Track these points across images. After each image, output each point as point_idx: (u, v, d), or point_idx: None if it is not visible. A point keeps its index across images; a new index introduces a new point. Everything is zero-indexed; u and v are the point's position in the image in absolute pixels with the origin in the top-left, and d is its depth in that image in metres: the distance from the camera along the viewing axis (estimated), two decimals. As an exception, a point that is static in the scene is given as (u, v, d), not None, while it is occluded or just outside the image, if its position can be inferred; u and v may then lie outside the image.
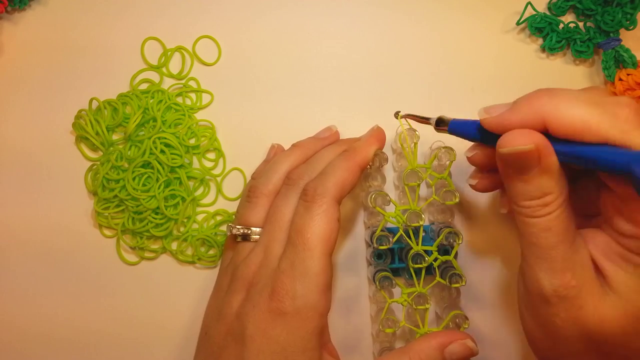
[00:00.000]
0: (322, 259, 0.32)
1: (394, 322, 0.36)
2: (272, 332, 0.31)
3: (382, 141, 0.37)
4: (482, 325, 0.39)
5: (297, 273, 0.32)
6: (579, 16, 0.42)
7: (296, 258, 0.32)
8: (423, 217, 0.36)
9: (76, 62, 0.42)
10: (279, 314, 0.31)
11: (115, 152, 0.40)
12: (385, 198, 0.36)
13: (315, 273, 0.32)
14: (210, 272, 0.40)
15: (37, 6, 0.42)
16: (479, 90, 0.42)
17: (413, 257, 0.36)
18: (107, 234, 0.40)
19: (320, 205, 0.33)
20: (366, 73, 0.42)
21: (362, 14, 0.42)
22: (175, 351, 0.40)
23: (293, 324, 0.31)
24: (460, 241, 0.36)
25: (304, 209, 0.33)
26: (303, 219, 0.33)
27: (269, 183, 0.37)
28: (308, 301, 0.31)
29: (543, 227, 0.29)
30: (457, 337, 0.33)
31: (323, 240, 0.32)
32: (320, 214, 0.32)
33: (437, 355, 0.33)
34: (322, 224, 0.32)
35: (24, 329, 0.40)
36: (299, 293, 0.31)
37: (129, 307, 0.40)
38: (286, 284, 0.32)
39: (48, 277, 0.40)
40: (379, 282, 0.36)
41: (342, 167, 0.34)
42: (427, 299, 0.36)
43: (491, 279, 0.40)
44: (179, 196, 0.39)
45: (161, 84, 0.41)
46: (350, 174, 0.34)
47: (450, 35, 0.42)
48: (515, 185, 0.29)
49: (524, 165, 0.28)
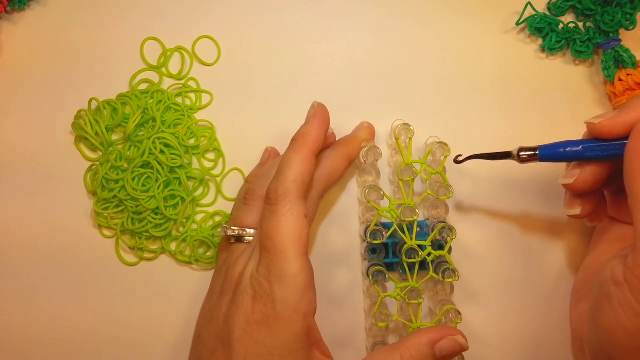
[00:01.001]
0: (296, 260, 0.31)
1: (387, 316, 0.36)
2: (258, 335, 0.31)
3: (326, 117, 0.36)
4: (475, 320, 0.39)
5: (273, 277, 0.31)
6: (578, 16, 0.42)
7: (270, 262, 0.32)
8: (417, 212, 0.36)
9: (76, 62, 0.42)
10: (263, 318, 0.31)
11: (115, 153, 0.40)
12: (380, 193, 0.36)
13: (292, 275, 0.31)
14: (208, 274, 0.40)
15: (36, 6, 0.42)
16: (478, 90, 0.42)
17: (407, 251, 0.36)
18: (106, 234, 0.40)
19: (284, 205, 0.32)
20: (366, 73, 0.42)
21: (362, 14, 0.42)
22: (174, 351, 0.40)
23: (277, 328, 0.31)
24: (454, 236, 0.36)
25: (269, 213, 0.33)
26: (270, 222, 0.32)
27: (265, 186, 0.36)
28: (288, 304, 0.31)
29: None
30: (447, 333, 0.33)
31: (293, 241, 0.32)
32: (286, 214, 0.32)
33: (427, 351, 0.32)
34: (289, 225, 0.32)
35: (23, 328, 0.40)
36: (278, 297, 0.31)
37: (128, 308, 0.40)
38: (265, 287, 0.31)
39: (47, 277, 0.40)
40: (372, 276, 0.36)
41: (295, 160, 0.34)
42: (421, 293, 0.36)
43: (484, 274, 0.40)
44: (178, 196, 0.39)
45: (161, 84, 0.41)
46: (306, 164, 0.33)
47: (450, 35, 0.42)
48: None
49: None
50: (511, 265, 0.40)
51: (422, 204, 0.39)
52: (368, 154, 0.37)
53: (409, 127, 0.37)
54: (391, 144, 0.40)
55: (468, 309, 0.39)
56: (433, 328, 0.34)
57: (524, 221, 0.40)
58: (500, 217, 0.40)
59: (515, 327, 0.40)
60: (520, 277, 0.40)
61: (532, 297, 0.40)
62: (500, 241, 0.40)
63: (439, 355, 0.33)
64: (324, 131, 0.35)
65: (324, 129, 0.36)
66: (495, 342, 0.40)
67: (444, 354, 0.33)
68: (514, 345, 0.40)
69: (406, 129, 0.37)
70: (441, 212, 0.38)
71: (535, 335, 0.40)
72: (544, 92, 0.42)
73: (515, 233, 0.40)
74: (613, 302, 0.30)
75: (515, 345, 0.40)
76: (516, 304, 0.40)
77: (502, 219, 0.40)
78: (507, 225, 0.40)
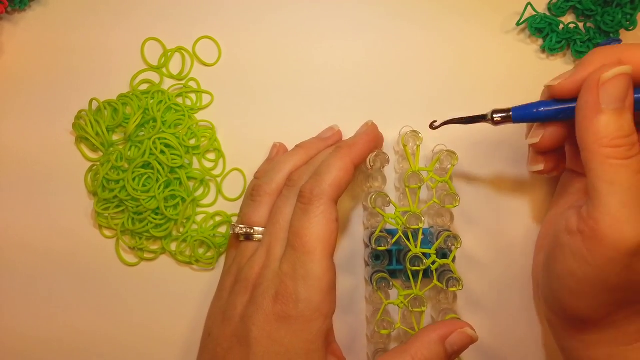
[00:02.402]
0: (323, 261, 0.32)
1: (389, 323, 0.36)
2: (277, 334, 0.31)
3: (376, 137, 0.37)
4: (478, 330, 0.39)
5: (298, 276, 0.32)
6: (579, 17, 0.42)
7: (297, 261, 0.32)
8: (423, 220, 0.36)
9: (76, 62, 0.42)
10: (283, 317, 0.31)
11: (116, 153, 0.40)
12: (386, 199, 0.36)
13: (317, 276, 0.32)
14: (209, 274, 0.40)
15: (37, 7, 0.42)
16: (478, 91, 0.41)
17: (411, 259, 0.36)
18: (106, 234, 0.40)
19: (318, 206, 0.33)
20: (366, 74, 0.42)
21: (362, 15, 0.42)
22: (173, 351, 0.40)
23: (297, 327, 0.31)
24: (459, 245, 0.36)
25: (302, 212, 0.33)
26: (301, 221, 0.33)
27: (272, 182, 0.37)
28: (311, 304, 0.31)
29: (635, 169, 0.29)
30: (456, 327, 0.33)
31: (322, 242, 0.32)
32: (318, 216, 0.32)
33: (439, 349, 0.32)
34: (320, 226, 0.32)
35: (22, 328, 0.40)
36: (302, 296, 0.31)
37: (128, 308, 0.40)
38: (289, 287, 0.32)
39: (47, 277, 0.40)
40: (376, 283, 0.36)
41: (337, 166, 0.34)
42: (424, 301, 0.36)
43: (488, 283, 0.40)
44: (179, 197, 0.39)
45: (161, 85, 0.41)
46: (345, 172, 0.34)
47: (450, 36, 0.42)
48: (608, 122, 0.29)
49: (621, 93, 0.29)
50: (515, 275, 0.40)
51: (427, 211, 0.39)
52: (376, 159, 0.37)
53: (417, 135, 0.37)
54: (398, 150, 0.40)
55: (470, 318, 0.39)
56: (440, 324, 0.33)
57: (528, 231, 0.40)
58: (506, 227, 0.40)
59: (519, 336, 0.40)
60: (524, 288, 0.40)
61: (536, 307, 0.40)
62: (505, 251, 0.40)
63: (450, 350, 0.32)
64: (370, 149, 0.36)
65: (370, 147, 0.36)
66: (498, 351, 0.40)
67: (455, 349, 0.33)
68: (517, 355, 0.40)
69: (414, 136, 0.37)
70: (446, 221, 0.37)
71: (540, 344, 0.40)
72: (544, 93, 0.42)
73: (519, 243, 0.40)
74: (565, 250, 0.31)
75: (518, 355, 0.40)
76: (520, 314, 0.40)
77: (507, 229, 0.40)
78: (511, 235, 0.40)
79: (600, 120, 0.29)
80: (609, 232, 0.29)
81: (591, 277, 0.30)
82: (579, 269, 0.31)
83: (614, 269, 0.30)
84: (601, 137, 0.29)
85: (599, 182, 0.29)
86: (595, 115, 0.30)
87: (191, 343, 0.40)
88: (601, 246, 0.29)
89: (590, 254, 0.30)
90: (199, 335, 0.36)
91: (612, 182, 0.29)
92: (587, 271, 0.30)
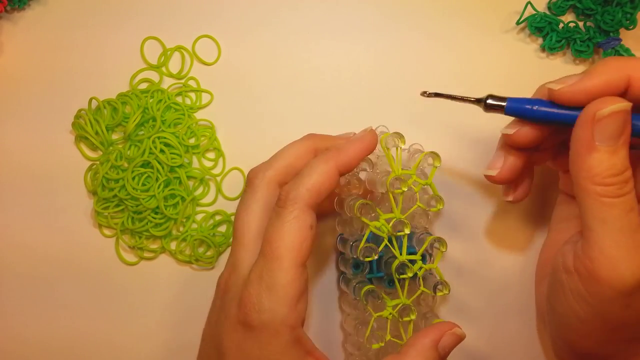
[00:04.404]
0: (291, 270, 0.30)
1: (380, 336, 0.34)
2: (245, 345, 0.30)
3: (370, 146, 0.34)
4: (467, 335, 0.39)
5: (264, 285, 0.30)
6: (578, 16, 0.42)
7: (264, 268, 0.30)
8: (409, 226, 0.34)
9: (76, 61, 0.42)
10: (248, 327, 0.30)
11: (115, 152, 0.40)
12: (372, 207, 0.34)
13: (282, 285, 0.30)
14: (208, 273, 0.40)
15: (36, 6, 0.42)
16: (478, 90, 0.41)
17: (397, 267, 0.34)
18: (106, 233, 0.40)
19: (291, 211, 0.30)
20: (365, 73, 0.42)
21: (361, 15, 0.42)
22: (173, 351, 0.40)
23: (263, 339, 0.30)
24: (445, 249, 0.34)
25: (275, 215, 0.31)
26: (273, 226, 0.31)
27: (268, 170, 0.35)
28: (276, 315, 0.30)
29: (628, 207, 0.28)
30: (445, 329, 0.32)
31: (292, 249, 0.30)
32: (291, 221, 0.30)
33: (434, 354, 0.32)
34: (292, 232, 0.30)
35: (22, 327, 0.40)
36: (265, 307, 0.30)
37: (128, 307, 0.40)
38: (252, 295, 0.30)
39: (47, 276, 0.40)
40: (364, 296, 0.34)
41: (319, 169, 0.32)
42: (412, 310, 0.34)
43: (471, 288, 0.40)
44: (178, 196, 0.39)
45: (161, 84, 0.41)
46: (327, 177, 0.31)
47: (450, 35, 0.42)
48: (601, 160, 0.28)
49: (616, 131, 0.28)
50: (500, 277, 0.40)
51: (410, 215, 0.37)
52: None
53: (400, 136, 0.35)
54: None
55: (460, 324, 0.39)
56: (430, 329, 0.33)
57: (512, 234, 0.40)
58: (487, 229, 0.40)
59: (505, 342, 0.40)
60: (510, 293, 0.40)
61: (523, 313, 0.40)
62: (486, 255, 0.40)
63: (442, 353, 0.32)
64: (359, 155, 0.33)
65: (361, 155, 0.33)
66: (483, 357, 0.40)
67: (447, 351, 0.32)
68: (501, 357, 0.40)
69: (397, 137, 0.35)
70: (424, 222, 0.36)
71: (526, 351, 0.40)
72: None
73: (505, 246, 0.40)
74: (565, 289, 0.31)
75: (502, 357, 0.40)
76: (505, 319, 0.40)
77: (481, 230, 0.40)
78: (493, 238, 0.40)
79: (593, 158, 0.29)
80: (605, 272, 0.28)
81: (592, 316, 0.30)
82: (580, 309, 0.30)
83: (613, 309, 0.29)
84: (593, 175, 0.29)
85: (591, 220, 0.29)
86: (589, 153, 0.29)
87: (190, 342, 0.39)
88: (598, 286, 0.29)
89: (589, 293, 0.29)
90: (198, 334, 0.36)
91: (605, 220, 0.28)
92: (588, 311, 0.30)
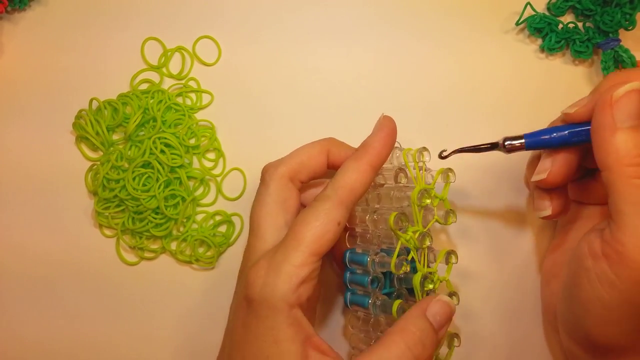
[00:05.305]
0: (303, 254, 0.30)
1: None
2: (247, 320, 0.31)
3: (394, 132, 0.34)
4: (479, 336, 0.39)
5: (274, 261, 0.31)
6: (578, 16, 0.42)
7: (281, 246, 0.31)
8: (432, 238, 0.34)
9: (76, 62, 0.42)
10: (250, 301, 0.31)
11: (116, 152, 0.40)
12: (407, 218, 0.34)
13: (293, 264, 0.30)
14: (209, 273, 0.40)
15: (37, 6, 0.42)
16: (478, 91, 0.42)
17: (421, 280, 0.34)
18: (107, 233, 0.40)
19: (323, 204, 0.32)
20: (365, 74, 0.42)
21: (362, 17, 0.42)
22: (173, 351, 0.40)
23: (261, 313, 0.30)
24: (456, 261, 0.35)
25: (308, 207, 0.32)
26: (302, 215, 0.32)
27: (279, 166, 0.36)
28: (276, 291, 0.30)
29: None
30: (431, 299, 0.33)
31: (314, 236, 0.31)
32: (320, 212, 0.31)
33: (424, 322, 0.31)
34: (317, 222, 0.31)
35: (21, 327, 0.40)
36: (269, 280, 0.30)
37: (128, 307, 0.40)
38: (259, 270, 0.31)
39: (47, 276, 0.40)
40: (397, 311, 0.33)
41: (351, 167, 0.33)
42: None
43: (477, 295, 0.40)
44: (179, 196, 0.39)
45: (161, 84, 0.41)
46: (360, 174, 0.32)
47: (449, 36, 0.42)
48: (626, 140, 0.29)
49: (634, 109, 0.29)
50: (505, 284, 0.40)
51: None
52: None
53: (426, 151, 0.36)
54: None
55: (462, 331, 0.39)
56: (415, 304, 0.33)
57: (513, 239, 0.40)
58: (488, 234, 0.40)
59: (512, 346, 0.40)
60: (516, 299, 0.40)
61: (528, 317, 0.40)
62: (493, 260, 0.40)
63: (434, 321, 0.32)
64: (387, 145, 0.34)
65: (387, 142, 0.34)
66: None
67: (438, 319, 0.32)
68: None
69: (423, 152, 0.36)
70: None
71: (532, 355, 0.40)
72: (543, 92, 0.42)
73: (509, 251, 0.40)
74: (590, 275, 0.31)
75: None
76: (512, 326, 0.40)
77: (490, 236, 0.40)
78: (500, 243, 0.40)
79: (618, 139, 0.29)
80: (637, 254, 0.28)
81: (620, 302, 0.30)
82: (607, 294, 0.30)
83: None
84: (622, 156, 0.29)
85: (622, 203, 0.29)
86: (612, 134, 0.29)
87: (191, 341, 0.40)
88: (629, 269, 0.29)
89: (618, 277, 0.29)
90: (198, 333, 0.36)
91: (637, 202, 0.28)
92: (615, 296, 0.30)
